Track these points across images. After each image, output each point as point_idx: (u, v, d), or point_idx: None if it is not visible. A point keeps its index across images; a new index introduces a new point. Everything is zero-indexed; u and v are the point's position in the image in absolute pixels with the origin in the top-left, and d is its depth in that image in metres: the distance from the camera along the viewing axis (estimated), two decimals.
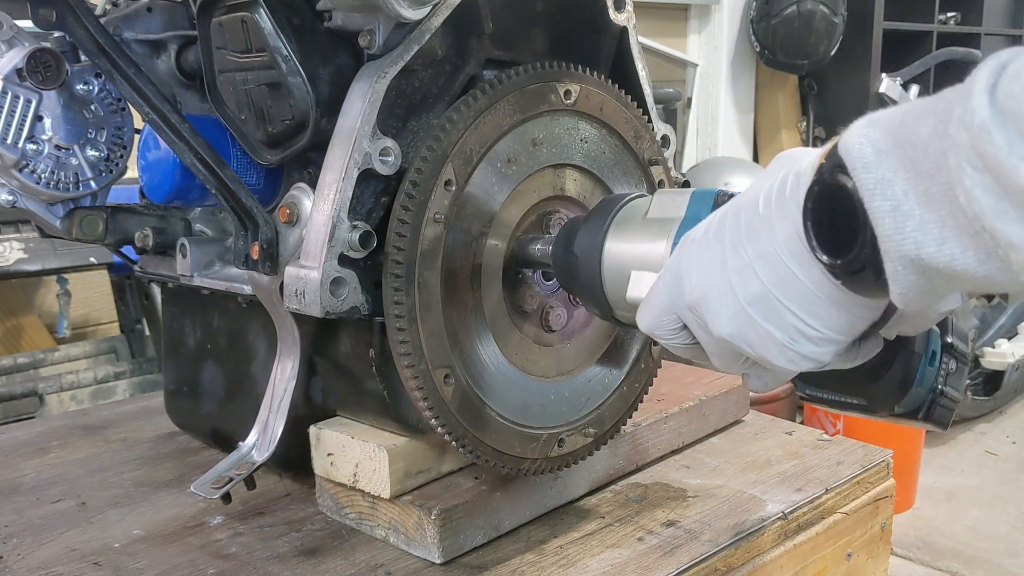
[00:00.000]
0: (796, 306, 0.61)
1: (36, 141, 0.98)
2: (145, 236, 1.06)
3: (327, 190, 0.86)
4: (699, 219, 0.72)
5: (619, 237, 0.79)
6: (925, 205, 0.51)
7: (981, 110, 0.46)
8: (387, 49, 0.88)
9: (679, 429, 1.23)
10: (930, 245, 0.51)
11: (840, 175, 0.56)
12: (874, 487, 1.18)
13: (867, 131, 0.55)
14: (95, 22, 0.95)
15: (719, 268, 0.64)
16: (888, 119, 0.55)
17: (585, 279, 0.82)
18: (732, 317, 0.64)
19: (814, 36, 4.33)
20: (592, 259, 0.80)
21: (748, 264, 0.62)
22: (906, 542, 3.20)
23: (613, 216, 0.81)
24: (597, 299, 0.81)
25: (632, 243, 0.78)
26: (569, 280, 0.85)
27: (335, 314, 0.86)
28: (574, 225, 0.86)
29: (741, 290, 0.63)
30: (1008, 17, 5.67)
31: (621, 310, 0.81)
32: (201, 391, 1.19)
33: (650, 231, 0.77)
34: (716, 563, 0.97)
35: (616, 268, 0.79)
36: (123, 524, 1.06)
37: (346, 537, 1.01)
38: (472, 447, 0.92)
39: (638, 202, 0.82)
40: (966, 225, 0.49)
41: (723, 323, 0.65)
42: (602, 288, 0.80)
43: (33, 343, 2.77)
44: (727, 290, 0.64)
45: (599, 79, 0.99)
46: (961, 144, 0.48)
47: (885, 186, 0.53)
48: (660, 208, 0.78)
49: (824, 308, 0.60)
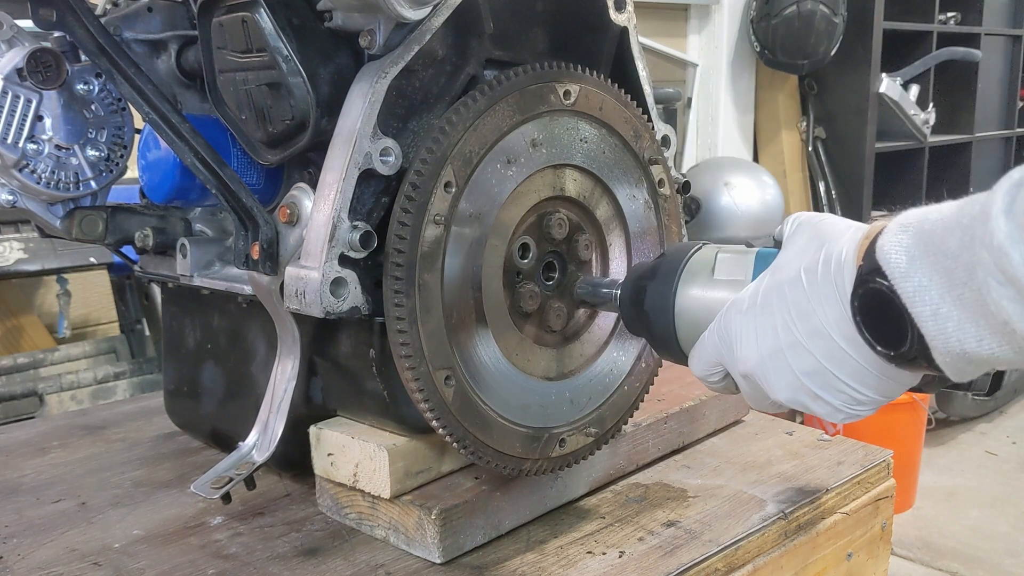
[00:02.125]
0: (850, 379, 0.68)
1: (36, 141, 0.98)
2: (145, 236, 1.06)
3: (327, 190, 0.86)
4: None
5: (690, 297, 0.85)
6: (961, 308, 0.58)
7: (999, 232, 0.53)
8: (387, 49, 0.88)
9: (679, 429, 1.23)
10: (971, 342, 0.58)
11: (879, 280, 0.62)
12: (874, 487, 1.18)
13: (899, 238, 0.62)
14: (95, 22, 0.95)
15: (771, 343, 0.71)
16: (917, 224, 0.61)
17: (660, 335, 0.88)
18: (788, 387, 0.71)
19: (814, 36, 4.32)
20: (666, 318, 0.86)
21: (799, 342, 0.69)
22: (906, 542, 3.20)
23: (680, 274, 0.86)
24: (673, 352, 0.88)
25: (704, 303, 0.84)
26: (642, 330, 0.91)
27: (335, 314, 0.86)
28: (640, 277, 0.90)
29: (796, 364, 0.70)
30: (1008, 17, 5.67)
31: None
32: (201, 391, 1.19)
33: (720, 292, 0.83)
34: (716, 563, 0.97)
35: (690, 327, 0.85)
36: (123, 524, 1.05)
37: (346, 537, 1.01)
38: (473, 448, 0.92)
39: (702, 256, 0.87)
40: (998, 326, 0.55)
41: (780, 391, 0.72)
42: (678, 343, 0.86)
43: (33, 343, 2.77)
44: (783, 363, 0.70)
45: (598, 79, 0.99)
46: (985, 262, 0.54)
47: (923, 292, 0.59)
48: (727, 270, 0.84)
49: (876, 380, 0.67)
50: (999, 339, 0.56)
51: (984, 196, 0.56)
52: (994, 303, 0.54)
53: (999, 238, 0.52)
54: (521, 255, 0.97)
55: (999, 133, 5.79)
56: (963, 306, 0.57)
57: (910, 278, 0.60)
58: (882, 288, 0.62)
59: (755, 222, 3.49)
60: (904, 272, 0.60)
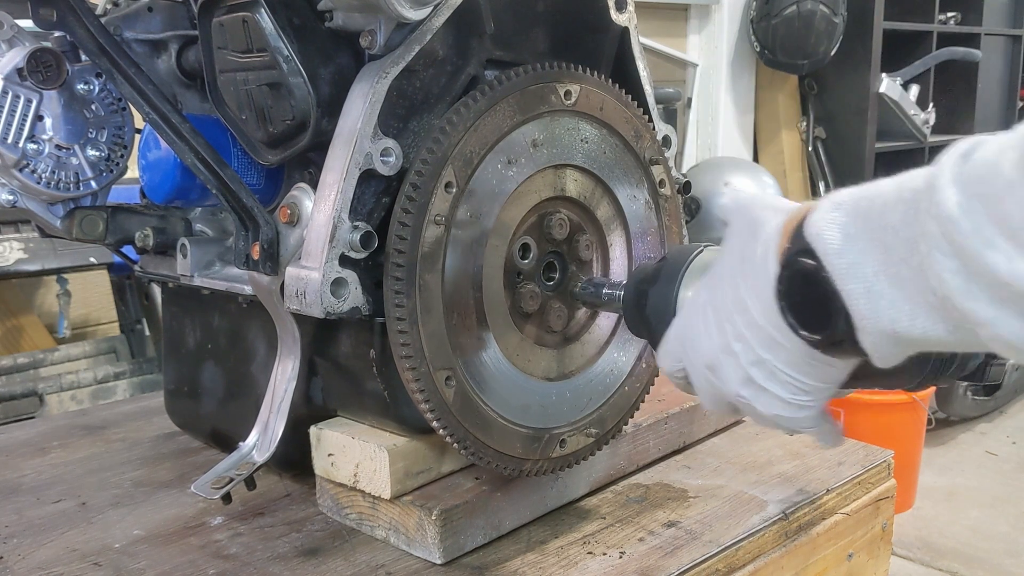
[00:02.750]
0: (789, 368, 0.66)
1: (36, 141, 0.98)
2: (145, 236, 1.06)
3: (328, 190, 0.86)
4: None
5: None
6: (897, 286, 0.56)
7: (947, 201, 0.51)
8: (388, 49, 0.88)
9: (680, 429, 1.23)
10: (903, 321, 0.56)
11: (807, 260, 0.60)
12: (875, 487, 1.18)
13: (833, 215, 0.60)
14: (96, 22, 0.95)
15: (720, 338, 0.69)
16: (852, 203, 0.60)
17: (661, 337, 0.87)
18: (740, 380, 0.69)
19: (814, 36, 4.33)
20: (667, 322, 0.85)
21: (740, 333, 0.67)
22: (906, 542, 3.20)
23: (682, 277, 0.86)
24: None
25: None
26: (644, 333, 0.91)
27: (336, 314, 0.86)
28: (642, 281, 0.90)
29: (743, 356, 0.68)
30: (1008, 17, 5.67)
31: None
32: (201, 391, 1.19)
33: None
34: (717, 563, 0.97)
35: None
36: (123, 524, 1.05)
37: (346, 537, 1.01)
38: (474, 448, 0.92)
39: (704, 258, 0.86)
40: (936, 303, 0.54)
41: (732, 383, 0.70)
42: None
43: (33, 343, 2.77)
44: (731, 356, 0.69)
45: (599, 79, 0.99)
46: (930, 233, 0.52)
47: (856, 269, 0.58)
48: None
49: (813, 367, 0.65)
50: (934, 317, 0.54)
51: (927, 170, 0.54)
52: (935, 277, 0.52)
53: (947, 207, 0.50)
54: (522, 255, 0.97)
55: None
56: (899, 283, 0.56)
57: (844, 255, 0.58)
58: (808, 268, 0.60)
59: None
60: (838, 249, 0.58)
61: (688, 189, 1.14)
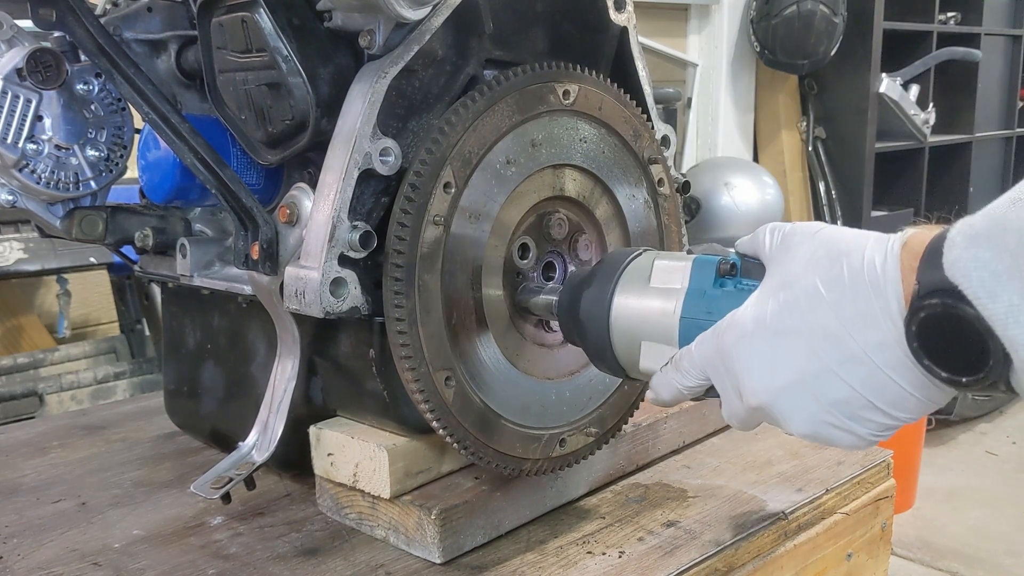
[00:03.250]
0: (888, 406, 0.62)
1: (36, 141, 0.98)
2: (145, 236, 1.06)
3: (327, 190, 0.86)
4: (702, 290, 0.76)
5: (625, 306, 0.82)
6: None
7: None
8: (387, 49, 0.88)
9: (679, 429, 1.23)
10: None
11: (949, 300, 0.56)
12: (874, 487, 1.18)
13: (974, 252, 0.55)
14: (95, 22, 0.95)
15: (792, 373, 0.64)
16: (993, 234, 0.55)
17: (595, 344, 0.85)
18: (810, 419, 0.65)
19: (814, 36, 4.32)
20: (600, 327, 0.83)
21: (829, 370, 0.63)
22: (906, 542, 3.20)
23: (616, 281, 0.82)
24: (608, 363, 0.85)
25: (638, 313, 0.81)
26: (577, 340, 0.88)
27: (335, 314, 0.86)
28: (577, 285, 0.87)
29: (824, 394, 0.63)
30: (1008, 17, 5.67)
31: (633, 372, 0.84)
32: (201, 391, 1.19)
33: (656, 301, 0.80)
34: (717, 563, 0.97)
35: (626, 336, 0.82)
36: (123, 524, 1.05)
37: (346, 537, 1.01)
38: (474, 449, 0.92)
39: (640, 262, 0.83)
40: None
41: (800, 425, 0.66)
42: (613, 354, 0.83)
43: (33, 343, 2.77)
44: (805, 395, 0.64)
45: (598, 79, 0.99)
46: None
47: (1017, 313, 0.53)
48: (662, 277, 0.80)
49: (917, 404, 0.62)
50: None
51: None
52: None
53: None
54: (521, 255, 0.97)
55: (999, 133, 5.79)
56: None
57: (998, 298, 0.53)
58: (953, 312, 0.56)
59: (755, 222, 3.46)
60: (990, 291, 0.54)
61: (687, 189, 1.14)
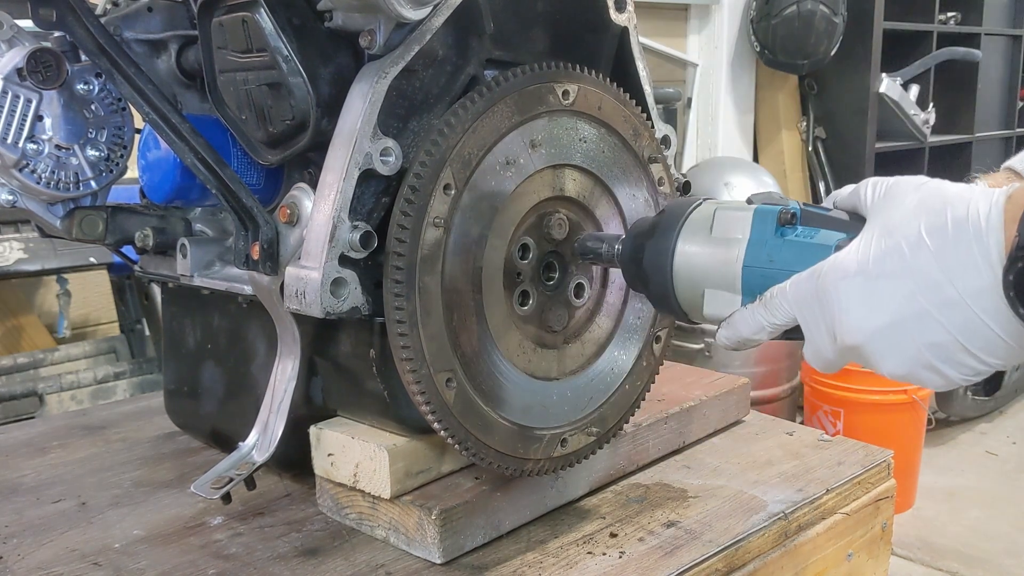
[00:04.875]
0: (982, 352, 0.64)
1: (36, 141, 0.98)
2: (145, 236, 1.06)
3: (328, 190, 0.86)
4: (764, 240, 0.79)
5: (688, 254, 0.84)
6: None
7: None
8: (388, 49, 0.88)
9: (680, 429, 1.23)
10: None
11: None
12: (875, 487, 1.18)
13: None
14: (95, 22, 0.95)
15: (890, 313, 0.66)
16: None
17: (658, 291, 0.87)
18: (906, 360, 0.67)
19: (814, 36, 4.33)
20: (664, 275, 0.85)
21: (927, 312, 0.64)
22: (906, 542, 3.20)
23: (679, 231, 0.85)
24: (672, 308, 0.87)
25: (702, 261, 0.83)
26: (641, 287, 0.90)
27: (335, 314, 0.86)
28: (640, 234, 0.89)
29: (920, 336, 0.65)
30: (1008, 17, 5.67)
31: (696, 317, 0.86)
32: (201, 391, 1.19)
33: (719, 250, 0.82)
34: (717, 563, 0.97)
35: (689, 284, 0.84)
36: (123, 524, 1.05)
37: (346, 537, 1.01)
38: (475, 449, 0.92)
39: (702, 212, 0.85)
40: None
41: (895, 365, 0.68)
42: (677, 300, 0.86)
43: (33, 343, 2.77)
44: (903, 335, 0.66)
45: (597, 78, 0.99)
46: None
47: None
48: (724, 227, 0.83)
49: (1007, 351, 0.64)
50: None
51: None
52: None
53: None
54: (521, 256, 0.97)
55: (999, 133, 5.79)
56: None
57: None
58: None
59: None
60: None
61: (688, 189, 1.14)
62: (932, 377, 0.67)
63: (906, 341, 0.66)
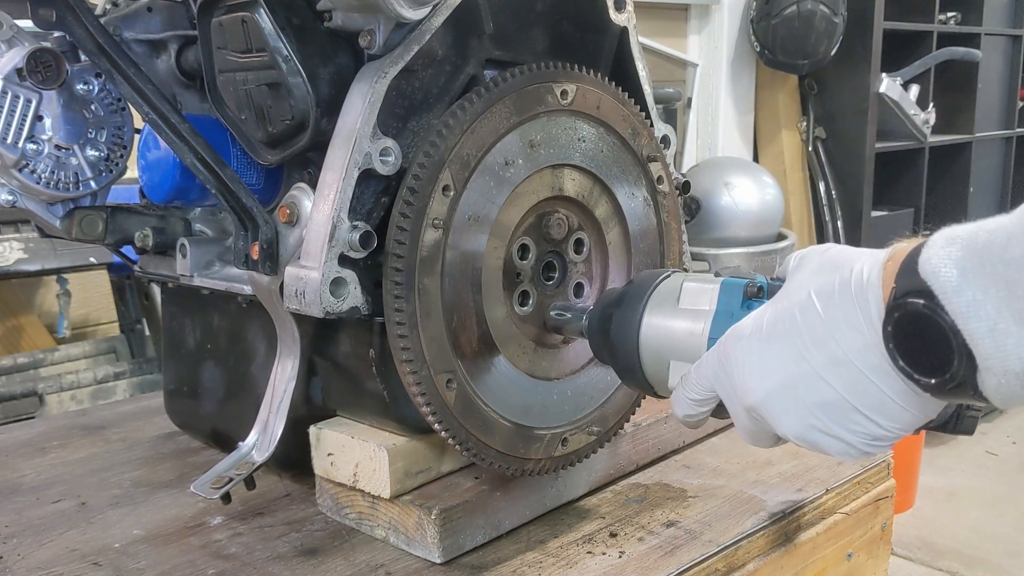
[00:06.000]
0: (871, 412, 0.63)
1: (36, 141, 0.98)
2: (145, 236, 1.06)
3: (327, 190, 0.86)
4: (730, 312, 0.79)
5: (654, 326, 0.84)
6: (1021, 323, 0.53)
7: None
8: (387, 49, 0.88)
9: (679, 429, 1.23)
10: None
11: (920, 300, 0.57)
12: (874, 487, 1.18)
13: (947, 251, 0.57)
14: (95, 22, 0.95)
15: (780, 374, 0.67)
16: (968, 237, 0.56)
17: (624, 363, 0.87)
18: (799, 422, 0.67)
19: (814, 36, 4.32)
20: (630, 346, 0.85)
21: (815, 372, 0.64)
22: (906, 542, 3.20)
23: (646, 302, 0.85)
24: (638, 381, 0.87)
25: (668, 333, 0.83)
26: (607, 359, 0.90)
27: (335, 314, 0.86)
28: (607, 305, 0.90)
29: (809, 397, 0.65)
30: (1008, 17, 5.67)
31: (662, 391, 0.86)
32: (201, 391, 1.19)
33: (684, 322, 0.82)
34: (716, 563, 0.97)
35: (655, 356, 0.84)
36: (123, 524, 1.05)
37: (346, 537, 1.01)
38: (476, 450, 0.92)
39: (669, 284, 0.86)
40: None
41: (789, 427, 0.67)
42: (643, 372, 0.86)
43: (33, 343, 2.77)
44: (793, 396, 0.66)
45: (595, 78, 0.99)
46: None
47: (978, 307, 0.55)
48: (691, 299, 0.83)
49: (900, 412, 0.63)
50: None
51: None
52: None
53: None
54: (521, 256, 0.97)
55: (999, 133, 5.78)
56: None
57: (962, 293, 0.55)
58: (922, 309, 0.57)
59: (755, 222, 3.48)
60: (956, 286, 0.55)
61: (687, 189, 1.14)
62: (829, 440, 0.66)
63: (797, 401, 0.66)
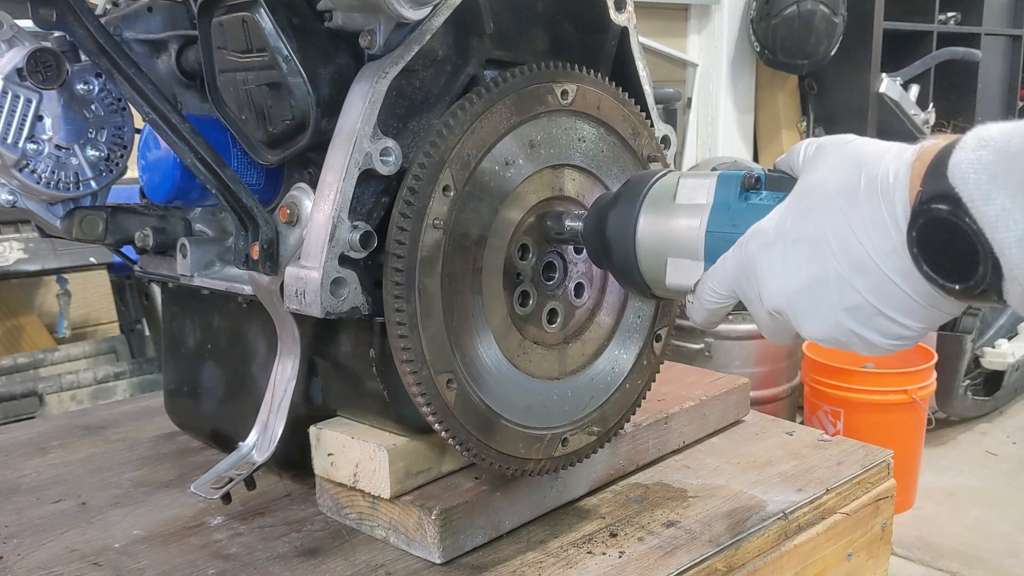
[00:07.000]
0: (896, 314, 0.62)
1: (36, 141, 0.98)
2: (145, 236, 1.06)
3: (327, 190, 0.86)
4: (727, 205, 0.77)
5: (651, 223, 0.82)
6: None
7: None
8: (388, 49, 0.88)
9: (679, 429, 1.23)
10: None
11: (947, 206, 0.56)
12: (874, 487, 1.18)
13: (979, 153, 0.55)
14: (95, 22, 0.95)
15: (805, 276, 0.65)
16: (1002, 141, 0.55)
17: (621, 263, 0.85)
18: (824, 323, 0.66)
19: (814, 36, 4.33)
20: (627, 245, 0.83)
21: (840, 276, 0.63)
22: (906, 542, 3.20)
23: (642, 200, 0.83)
24: (634, 281, 0.84)
25: (665, 229, 0.81)
26: (604, 261, 0.88)
27: (335, 314, 0.86)
28: (603, 206, 0.87)
29: (835, 299, 0.64)
30: (1008, 17, 5.67)
31: (659, 290, 0.84)
32: (201, 391, 1.19)
33: (681, 217, 0.80)
34: (716, 563, 0.97)
35: (652, 253, 0.82)
36: (123, 524, 1.05)
37: (346, 537, 1.01)
38: (476, 450, 0.92)
39: (665, 182, 0.84)
40: None
41: (814, 328, 0.66)
42: (639, 272, 0.84)
43: (33, 343, 2.77)
44: (818, 298, 0.65)
45: (596, 78, 0.99)
46: None
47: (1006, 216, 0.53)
48: (688, 194, 0.81)
49: (925, 312, 0.62)
50: None
51: None
52: None
53: None
54: (521, 256, 0.97)
55: None
56: None
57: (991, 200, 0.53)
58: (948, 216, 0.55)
59: None
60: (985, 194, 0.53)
61: None
62: (855, 341, 0.65)
63: (823, 304, 0.65)
